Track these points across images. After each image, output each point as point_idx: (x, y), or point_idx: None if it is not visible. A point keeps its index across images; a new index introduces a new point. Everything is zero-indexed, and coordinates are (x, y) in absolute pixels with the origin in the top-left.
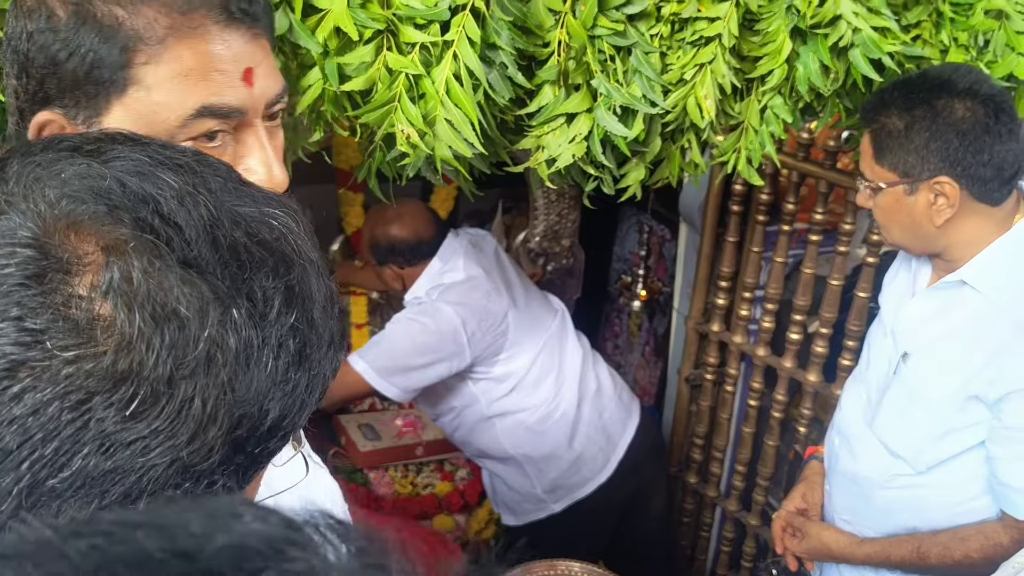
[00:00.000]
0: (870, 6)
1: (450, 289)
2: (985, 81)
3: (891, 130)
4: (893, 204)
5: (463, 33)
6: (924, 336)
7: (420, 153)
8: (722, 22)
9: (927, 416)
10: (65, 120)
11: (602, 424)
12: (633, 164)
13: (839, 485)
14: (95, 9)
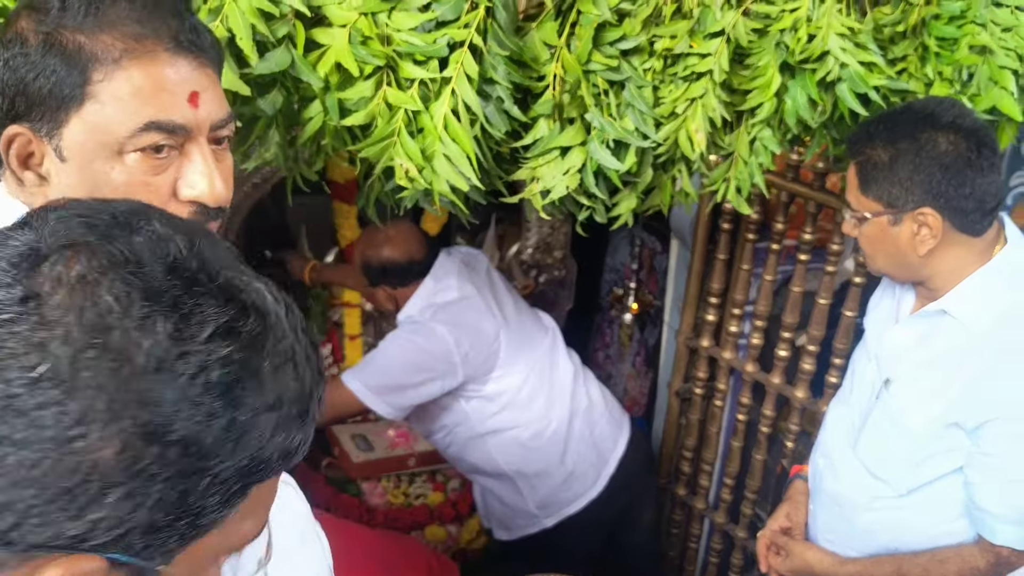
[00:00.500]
0: (857, 41)
1: (443, 309)
2: (968, 115)
3: (876, 162)
4: (878, 234)
5: (461, 70)
6: (906, 363)
7: (418, 186)
8: (713, 58)
9: (907, 441)
10: (31, 133)
11: (593, 440)
12: (625, 193)
13: (822, 505)
14: (61, 37)
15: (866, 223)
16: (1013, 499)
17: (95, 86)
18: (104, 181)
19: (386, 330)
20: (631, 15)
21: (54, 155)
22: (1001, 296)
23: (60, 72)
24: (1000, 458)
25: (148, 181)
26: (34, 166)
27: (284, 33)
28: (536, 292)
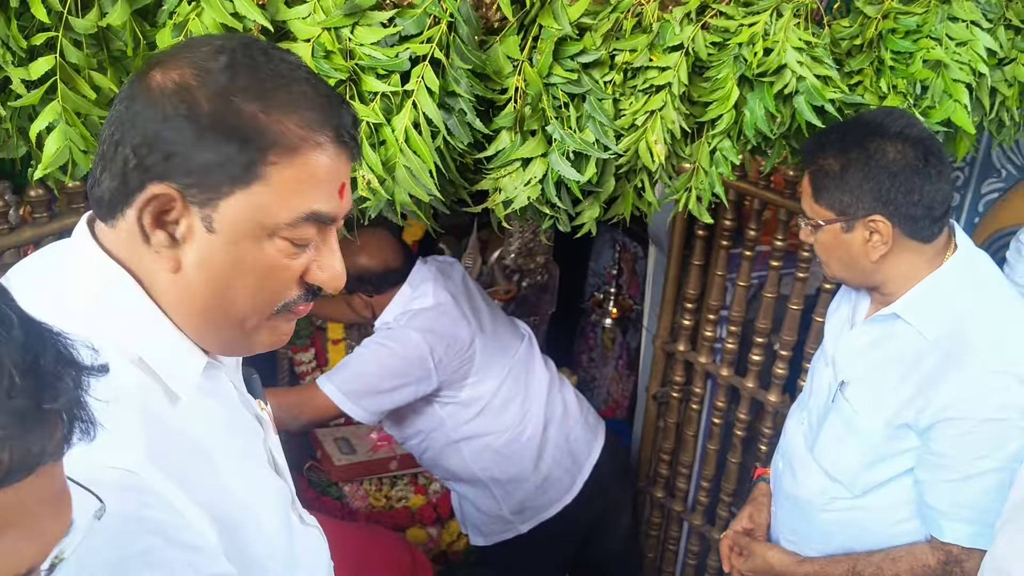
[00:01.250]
0: (814, 55)
1: (418, 315)
2: (915, 125)
3: (828, 171)
4: (832, 240)
5: (422, 83)
6: (860, 366)
7: (380, 198)
8: (672, 71)
9: (861, 443)
10: (179, 196)
11: (568, 446)
12: (588, 203)
13: (783, 507)
14: (239, 110)
15: (820, 230)
16: (960, 497)
17: (268, 167)
18: (249, 258)
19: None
20: (592, 29)
21: (200, 222)
22: (951, 301)
23: (233, 149)
24: (948, 458)
25: (288, 264)
26: (168, 226)
27: None
28: (519, 296)
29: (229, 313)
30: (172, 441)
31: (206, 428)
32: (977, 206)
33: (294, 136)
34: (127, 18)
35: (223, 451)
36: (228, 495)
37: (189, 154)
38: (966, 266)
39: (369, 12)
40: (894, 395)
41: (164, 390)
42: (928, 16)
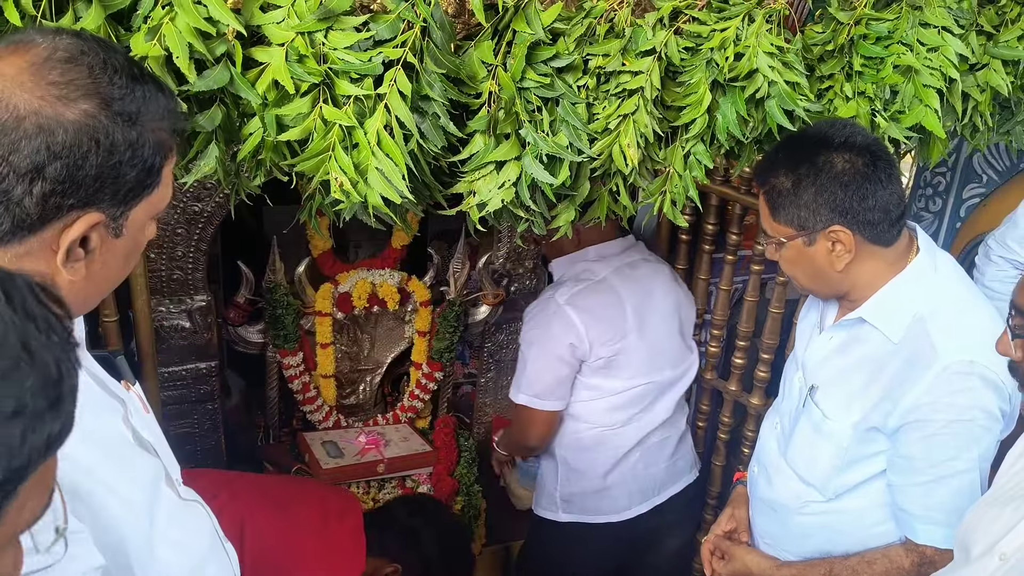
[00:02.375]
0: (785, 60)
1: (582, 292)
2: (859, 133)
3: (781, 189)
4: (796, 256)
5: (395, 87)
6: (828, 370)
7: (353, 200)
8: (644, 75)
9: (832, 447)
10: (107, 219)
11: (642, 475)
12: (563, 206)
13: (759, 511)
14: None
15: (783, 247)
16: (932, 500)
17: (162, 173)
18: (137, 243)
19: (361, 339)
20: (565, 34)
21: (109, 232)
22: (914, 303)
23: (149, 162)
24: (917, 460)
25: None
26: (85, 242)
27: (223, 52)
28: (507, 300)
29: (109, 289)
30: None
31: None
32: (959, 211)
33: (171, 141)
34: (101, 22)
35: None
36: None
37: (114, 183)
38: (929, 268)
39: (343, 17)
40: (862, 399)
41: None
42: (899, 22)
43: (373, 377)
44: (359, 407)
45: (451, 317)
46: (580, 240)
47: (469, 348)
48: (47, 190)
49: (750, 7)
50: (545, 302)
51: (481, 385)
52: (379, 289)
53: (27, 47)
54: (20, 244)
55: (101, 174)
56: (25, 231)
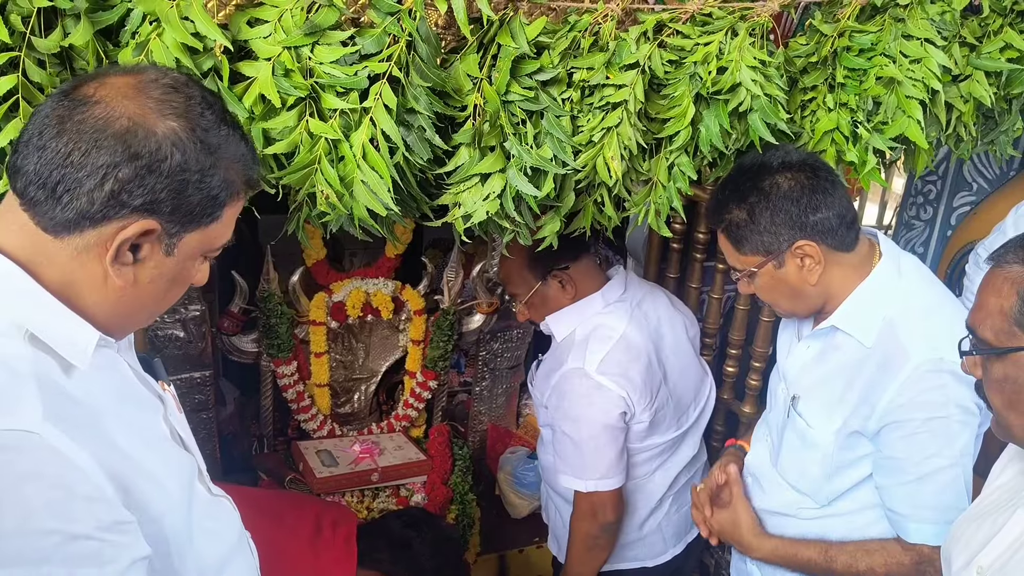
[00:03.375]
0: (767, 74)
1: (609, 360)
2: (791, 152)
3: (738, 222)
4: (770, 281)
5: (380, 101)
6: (808, 380)
7: (339, 212)
8: (628, 89)
9: (818, 455)
10: (163, 230)
11: (676, 517)
12: (549, 217)
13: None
14: (225, 164)
15: (755, 277)
16: (919, 498)
17: (224, 209)
18: (185, 272)
19: (356, 348)
20: (550, 48)
21: (163, 248)
22: (882, 307)
23: (216, 197)
24: (899, 460)
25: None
26: (135, 248)
27: (210, 66)
28: (501, 309)
29: (154, 313)
30: (67, 405)
31: (101, 397)
32: (949, 219)
33: (240, 185)
34: (90, 38)
35: (119, 418)
36: (125, 457)
37: (182, 202)
38: (893, 272)
39: (329, 31)
40: (841, 405)
41: (59, 361)
42: (882, 34)
43: (368, 386)
44: (354, 416)
45: (445, 326)
46: (577, 291)
47: (464, 356)
48: (115, 188)
49: (733, 21)
50: (577, 377)
51: (476, 394)
52: (373, 298)
53: (141, 72)
54: (80, 236)
55: (168, 186)
56: (87, 222)
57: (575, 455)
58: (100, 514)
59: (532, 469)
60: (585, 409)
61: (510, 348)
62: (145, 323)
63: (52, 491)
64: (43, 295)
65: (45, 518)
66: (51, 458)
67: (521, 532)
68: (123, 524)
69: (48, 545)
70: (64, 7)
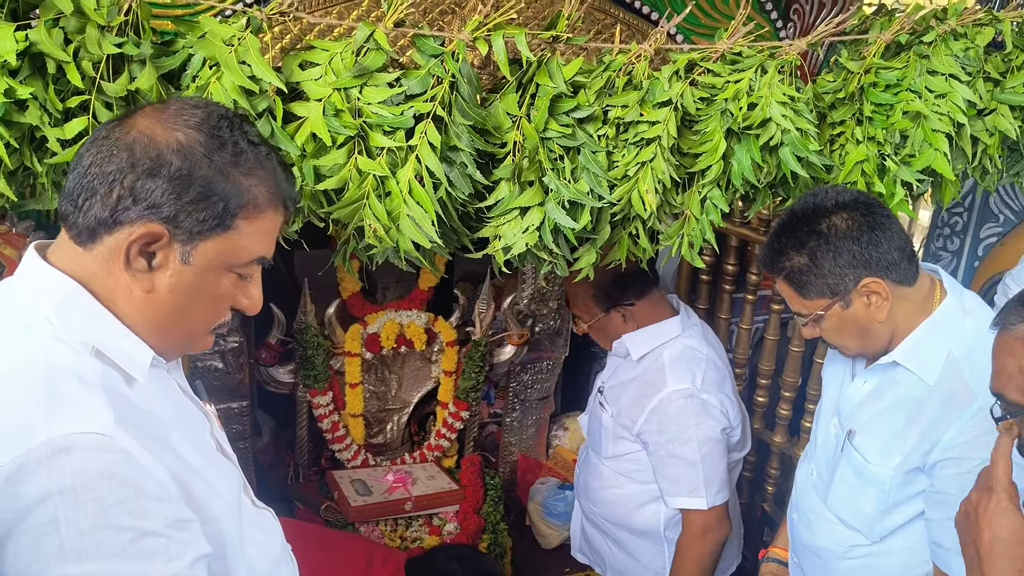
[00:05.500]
0: (796, 108)
1: (708, 379)
2: (841, 192)
3: (800, 268)
4: (838, 323)
5: (425, 139)
6: (865, 415)
7: (386, 245)
8: (661, 125)
9: (874, 490)
10: (168, 235)
11: (736, 533)
12: (585, 249)
13: (805, 558)
14: (234, 176)
15: (822, 320)
16: None
17: (241, 221)
18: (211, 288)
19: (389, 379)
20: (586, 87)
21: (178, 256)
22: (947, 344)
23: (223, 205)
24: (952, 496)
25: (232, 294)
26: (149, 255)
27: (264, 107)
28: (532, 341)
29: (185, 328)
30: (133, 412)
31: (159, 407)
32: (976, 250)
33: (263, 201)
34: (154, 82)
35: (177, 428)
36: (184, 462)
37: (184, 206)
38: (957, 310)
39: (376, 73)
40: (901, 441)
41: (121, 374)
42: (908, 70)
43: (400, 416)
44: (387, 446)
45: (477, 357)
46: (638, 325)
47: (494, 388)
48: (121, 193)
49: (763, 59)
50: (683, 398)
51: (506, 424)
52: (407, 330)
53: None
54: (101, 243)
55: (168, 190)
56: (103, 229)
57: (691, 474)
58: (168, 512)
59: (563, 500)
60: (697, 429)
61: (540, 380)
62: (182, 342)
63: (124, 489)
64: (102, 312)
65: (119, 515)
66: (123, 459)
67: (552, 562)
68: (187, 522)
69: (123, 540)
70: (131, 53)
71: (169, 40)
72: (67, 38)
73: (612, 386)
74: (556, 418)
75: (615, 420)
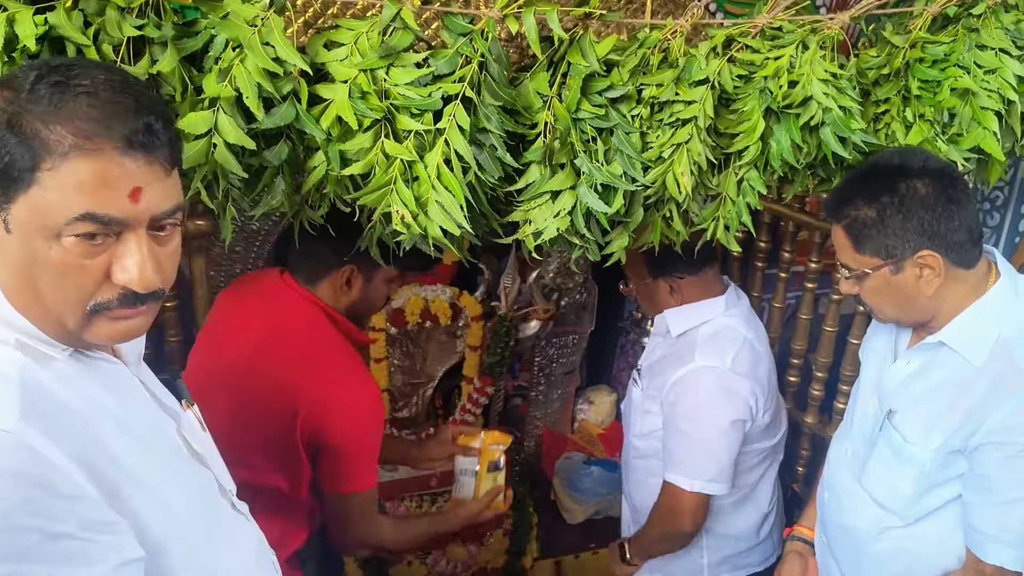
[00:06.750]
0: (839, 86)
1: (740, 359)
2: (932, 158)
3: (865, 220)
4: (882, 286)
5: (453, 121)
6: (907, 395)
7: (414, 231)
8: (698, 105)
9: (913, 471)
10: None
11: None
12: (617, 232)
13: (834, 536)
14: (22, 120)
15: (867, 278)
16: (1005, 521)
17: (43, 173)
18: (43, 257)
19: (415, 353)
20: (619, 65)
21: (2, 224)
22: (997, 327)
23: (15, 154)
24: (993, 480)
25: (82, 263)
26: None
27: (289, 89)
28: (558, 315)
29: (43, 307)
30: (53, 408)
31: (100, 404)
32: (1017, 225)
33: (67, 144)
34: (176, 64)
35: (119, 427)
36: (115, 462)
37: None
38: (1010, 291)
39: (403, 54)
40: (944, 423)
41: (42, 365)
42: (956, 45)
43: (425, 390)
44: (412, 420)
45: (502, 332)
46: (684, 300)
47: (519, 361)
48: None
49: (804, 35)
50: (708, 374)
51: (531, 399)
52: (432, 305)
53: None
54: None
55: None
56: None
57: (689, 452)
58: (84, 513)
59: (588, 475)
60: (709, 409)
61: (565, 354)
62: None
63: (32, 489)
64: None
65: (24, 515)
66: (29, 456)
67: (577, 537)
68: (111, 524)
69: (28, 543)
70: (152, 35)
71: (191, 21)
72: (87, 21)
73: (649, 364)
74: (581, 392)
75: (644, 393)
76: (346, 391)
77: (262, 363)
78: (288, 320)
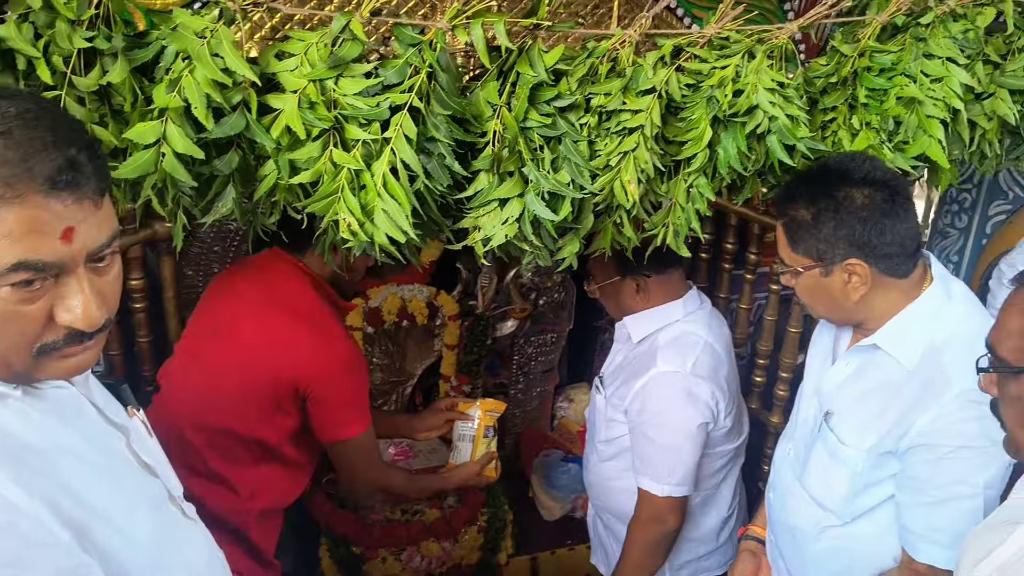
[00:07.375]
0: (785, 95)
1: (700, 363)
2: (879, 168)
3: (800, 221)
4: (812, 285)
5: (400, 131)
6: (843, 397)
7: (360, 239)
8: (644, 114)
9: (847, 471)
10: None
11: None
12: (568, 238)
13: (779, 535)
14: None
15: (800, 276)
16: (935, 520)
17: None
18: None
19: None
20: (568, 75)
21: None
22: (928, 331)
23: None
24: (923, 482)
25: (21, 311)
26: None
27: (239, 99)
28: (535, 314)
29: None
30: (23, 454)
31: (59, 440)
32: (985, 227)
33: None
34: (126, 75)
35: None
36: (80, 501)
37: None
38: (942, 296)
39: (353, 64)
40: (877, 424)
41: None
42: (903, 54)
43: (404, 388)
44: None
45: (479, 331)
46: (650, 301)
47: (499, 358)
48: None
49: (751, 44)
50: (670, 380)
51: (510, 396)
52: (409, 304)
53: None
54: None
55: None
56: None
57: (657, 457)
58: (59, 560)
59: (566, 472)
60: (674, 414)
61: (544, 352)
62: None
63: (7, 540)
64: None
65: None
66: (3, 507)
67: (553, 534)
68: (83, 567)
69: None
70: (102, 47)
71: (141, 33)
72: (37, 33)
73: (611, 371)
74: (560, 390)
75: (608, 402)
76: (323, 343)
77: (253, 319)
78: (276, 282)
